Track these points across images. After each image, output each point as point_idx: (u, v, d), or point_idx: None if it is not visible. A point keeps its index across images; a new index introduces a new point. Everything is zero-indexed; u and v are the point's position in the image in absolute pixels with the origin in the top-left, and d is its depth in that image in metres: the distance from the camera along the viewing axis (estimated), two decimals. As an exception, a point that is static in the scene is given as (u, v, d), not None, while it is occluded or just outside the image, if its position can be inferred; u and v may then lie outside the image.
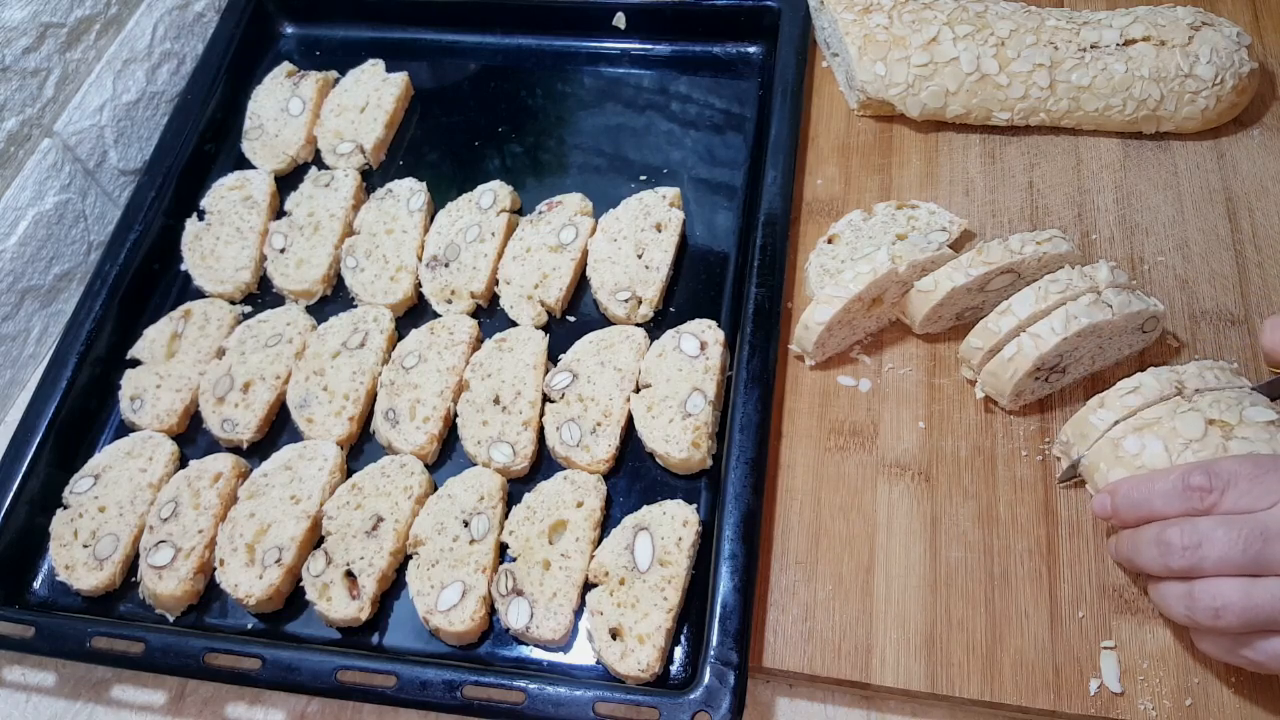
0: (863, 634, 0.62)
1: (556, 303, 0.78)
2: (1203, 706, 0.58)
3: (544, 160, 0.88)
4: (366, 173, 0.89)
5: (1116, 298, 0.64)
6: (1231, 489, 0.53)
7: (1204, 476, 0.53)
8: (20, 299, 0.83)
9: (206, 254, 0.84)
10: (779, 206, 0.76)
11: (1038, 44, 0.78)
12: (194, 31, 0.96)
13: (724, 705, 0.58)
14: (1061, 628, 0.61)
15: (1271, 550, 0.51)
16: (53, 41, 0.82)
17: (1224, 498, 0.53)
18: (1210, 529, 0.52)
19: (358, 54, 0.94)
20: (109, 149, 0.89)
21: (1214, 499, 0.53)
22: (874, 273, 0.68)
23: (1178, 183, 0.78)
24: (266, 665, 0.62)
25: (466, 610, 0.65)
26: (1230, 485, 0.53)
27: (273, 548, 0.68)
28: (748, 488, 0.65)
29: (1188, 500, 0.54)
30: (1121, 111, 0.78)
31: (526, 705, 0.60)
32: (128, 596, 0.70)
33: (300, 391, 0.75)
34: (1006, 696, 0.60)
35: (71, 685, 0.70)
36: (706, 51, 0.92)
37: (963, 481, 0.67)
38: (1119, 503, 0.58)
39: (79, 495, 0.72)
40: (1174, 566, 0.53)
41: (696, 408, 0.70)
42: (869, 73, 0.80)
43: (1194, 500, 0.54)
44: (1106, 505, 0.58)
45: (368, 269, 0.81)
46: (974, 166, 0.80)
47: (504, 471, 0.71)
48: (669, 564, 0.64)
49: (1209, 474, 0.53)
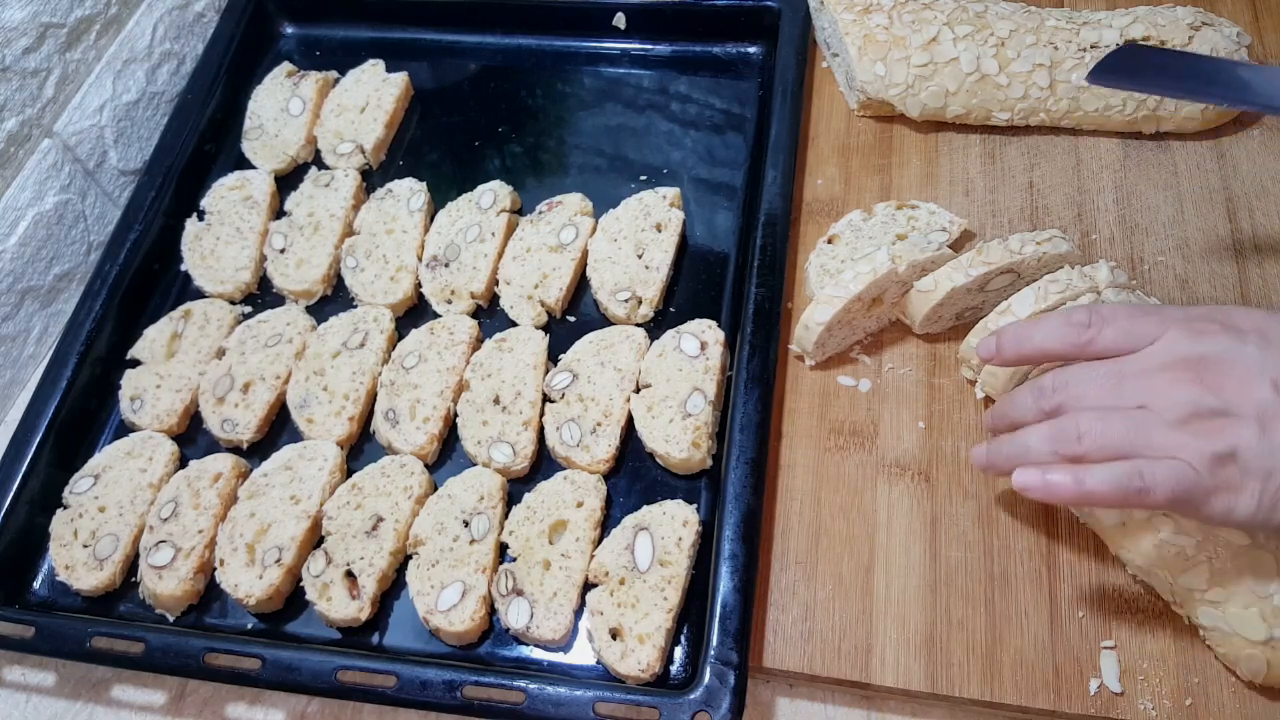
0: (863, 634, 0.62)
1: (556, 303, 0.78)
2: (1203, 706, 0.59)
3: (544, 160, 0.88)
4: (366, 173, 0.89)
5: (1116, 297, 0.64)
6: (1110, 325, 0.53)
7: (1085, 313, 0.54)
8: (20, 299, 0.83)
9: (206, 254, 0.84)
10: (779, 207, 0.76)
11: (1038, 44, 0.78)
12: (194, 31, 0.96)
13: (724, 705, 0.58)
14: (1061, 628, 0.61)
15: (1129, 383, 0.52)
16: (53, 42, 0.82)
17: (1102, 333, 0.53)
18: (1078, 371, 0.54)
19: (358, 54, 0.94)
20: (109, 149, 0.89)
21: (1092, 333, 0.54)
22: (874, 273, 0.68)
23: (1178, 183, 0.78)
24: (266, 665, 0.62)
25: (466, 610, 0.65)
26: (1109, 322, 0.54)
27: (273, 548, 0.68)
28: (748, 488, 0.65)
29: (1068, 334, 0.55)
30: (1121, 111, 0.78)
31: (526, 705, 0.60)
32: (128, 596, 0.70)
33: (300, 391, 0.75)
34: (1006, 696, 0.60)
35: (71, 685, 0.70)
36: (706, 52, 0.92)
37: (963, 481, 0.67)
38: (1004, 342, 0.57)
39: (79, 495, 0.72)
40: (1044, 407, 0.55)
41: (696, 408, 0.70)
42: (869, 73, 0.80)
43: (1074, 334, 0.54)
44: (991, 346, 0.58)
45: (368, 269, 0.81)
46: (974, 166, 0.80)
47: (504, 471, 0.71)
48: (669, 564, 0.64)
49: (1089, 310, 0.54)
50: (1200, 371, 0.50)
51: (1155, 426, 0.50)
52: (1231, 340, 0.50)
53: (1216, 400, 0.50)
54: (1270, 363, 0.49)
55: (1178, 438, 0.50)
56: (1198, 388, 0.50)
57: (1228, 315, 0.52)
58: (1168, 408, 0.50)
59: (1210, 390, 0.50)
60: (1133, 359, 0.53)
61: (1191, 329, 0.52)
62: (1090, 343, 0.54)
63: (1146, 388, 0.51)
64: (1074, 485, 0.51)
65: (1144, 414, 0.51)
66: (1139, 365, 0.52)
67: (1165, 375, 0.51)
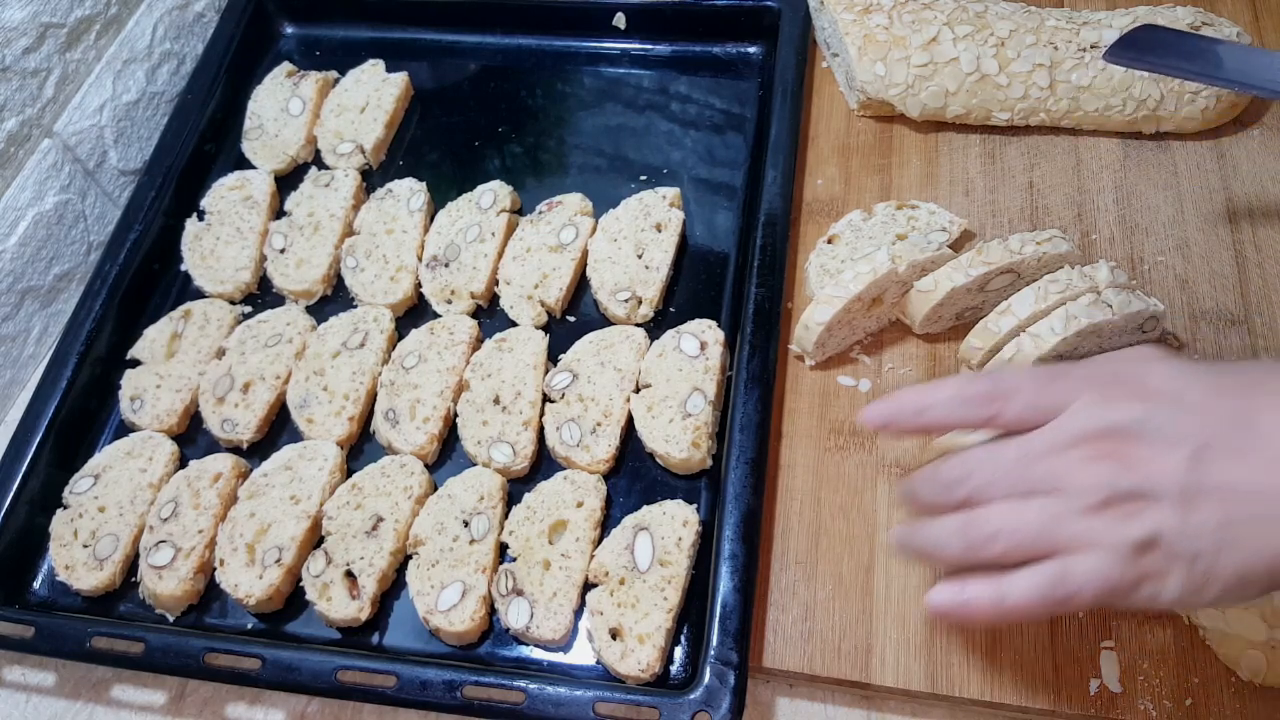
0: (862, 634, 0.62)
1: (556, 303, 0.78)
2: (1202, 706, 0.59)
3: (544, 160, 0.88)
4: (366, 173, 0.89)
5: (1116, 297, 0.64)
6: (1014, 400, 0.48)
7: (986, 385, 0.49)
8: (20, 299, 0.83)
9: (206, 254, 0.84)
10: (779, 207, 0.76)
11: (1038, 44, 0.78)
12: (194, 32, 0.97)
13: (724, 705, 0.58)
14: (1061, 628, 0.61)
15: (1038, 465, 0.47)
16: (53, 42, 0.82)
17: (1006, 408, 0.48)
18: (980, 455, 0.49)
19: (358, 54, 0.94)
20: (109, 149, 0.89)
21: (996, 408, 0.49)
22: (874, 273, 0.68)
23: (1178, 183, 0.78)
24: (266, 665, 0.63)
25: (466, 610, 0.65)
26: (1012, 397, 0.48)
27: (273, 548, 0.68)
28: (748, 488, 0.65)
29: (968, 411, 0.49)
30: (1121, 111, 0.78)
31: (526, 705, 0.60)
32: (128, 596, 0.70)
33: (300, 391, 0.75)
34: (1006, 696, 0.60)
35: (71, 685, 0.70)
36: (706, 52, 0.92)
37: (963, 481, 0.67)
38: (901, 409, 0.51)
39: (79, 495, 0.72)
40: (951, 499, 0.49)
41: (696, 408, 0.70)
42: (869, 73, 0.80)
43: (975, 410, 0.49)
44: (880, 414, 0.51)
45: (368, 269, 0.81)
46: (974, 167, 0.81)
47: (504, 471, 0.71)
48: (669, 564, 0.64)
49: (992, 383, 0.49)
50: (1114, 445, 0.46)
51: (1071, 515, 0.46)
52: (1144, 408, 0.46)
53: (1132, 480, 0.45)
54: (1185, 431, 0.45)
55: (1095, 525, 0.45)
56: (1112, 466, 0.45)
57: (1139, 375, 0.48)
58: (1082, 491, 0.46)
59: (1125, 468, 0.45)
60: (1041, 436, 0.48)
61: (1101, 395, 0.47)
62: (992, 419, 0.49)
63: (1059, 470, 0.46)
64: (994, 604, 0.47)
65: (1058, 501, 0.46)
66: (1048, 441, 0.47)
67: (1077, 453, 0.46)
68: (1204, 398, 0.46)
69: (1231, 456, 0.44)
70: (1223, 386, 0.46)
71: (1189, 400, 0.46)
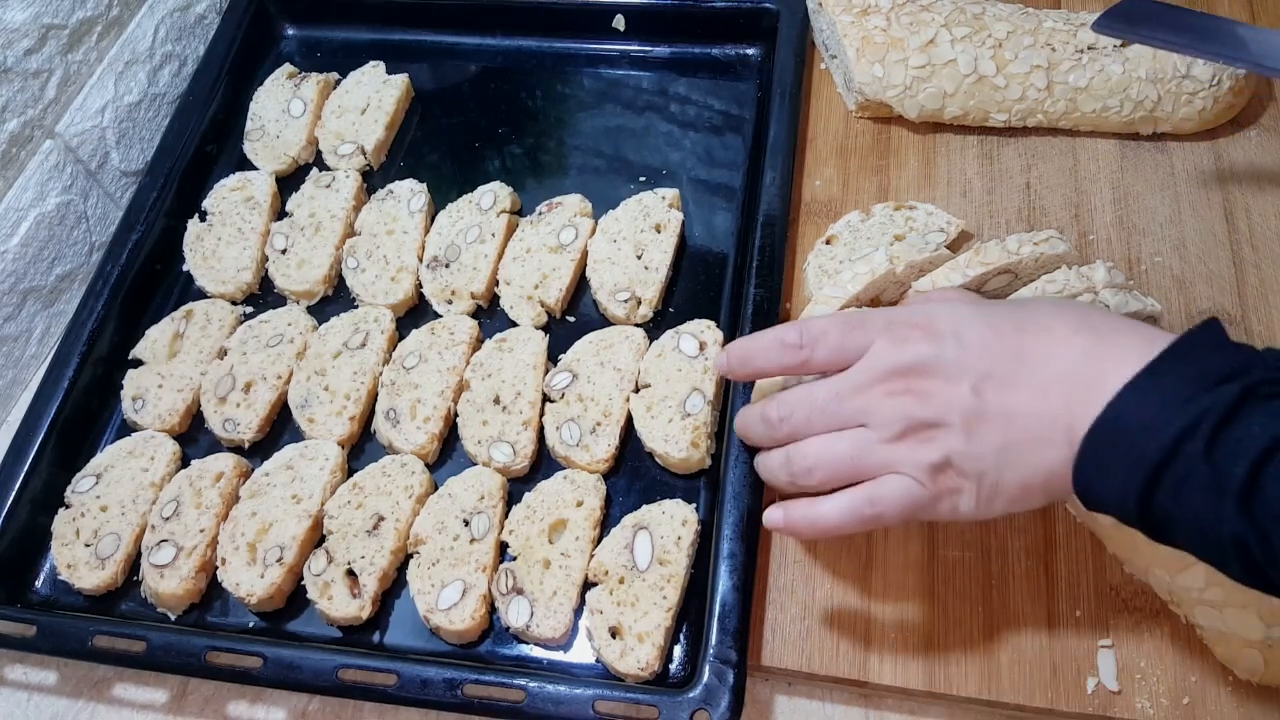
0: (861, 632, 0.63)
1: (556, 303, 0.78)
2: (1200, 705, 0.59)
3: (544, 161, 0.88)
4: (367, 174, 0.89)
5: (1114, 298, 0.65)
6: (822, 344, 0.55)
7: (796, 334, 0.56)
8: (22, 300, 0.83)
9: (208, 254, 0.84)
10: (777, 208, 0.76)
11: (1035, 45, 0.78)
12: (195, 33, 0.97)
13: (723, 703, 0.58)
14: (1059, 626, 0.62)
15: (847, 404, 0.54)
16: (54, 43, 0.82)
17: (815, 352, 0.55)
18: (797, 396, 0.56)
19: (359, 56, 0.94)
20: (111, 150, 0.89)
21: (806, 354, 0.55)
22: (872, 273, 0.68)
23: (1175, 183, 0.78)
24: (268, 664, 0.63)
25: (467, 609, 0.65)
26: (820, 341, 0.55)
27: (274, 547, 0.68)
28: (746, 487, 0.65)
29: (782, 356, 0.56)
30: (1119, 113, 0.78)
31: (526, 703, 0.60)
32: (129, 595, 0.71)
33: (301, 391, 0.76)
34: (1004, 695, 0.60)
35: (73, 684, 0.70)
36: (705, 53, 0.92)
37: (961, 481, 0.67)
38: (730, 359, 0.59)
39: (81, 494, 0.72)
40: (776, 438, 0.57)
41: (696, 408, 0.70)
42: (867, 74, 0.81)
43: (788, 356, 0.56)
44: (723, 362, 0.60)
45: (368, 269, 0.81)
46: (971, 168, 0.81)
47: (504, 471, 0.71)
48: (668, 563, 0.65)
49: (800, 330, 0.56)
50: (909, 381, 0.52)
51: (875, 445, 0.53)
52: (931, 346, 0.52)
53: (926, 410, 0.51)
54: (967, 365, 0.51)
55: (897, 452, 0.52)
56: (909, 399, 0.52)
57: (929, 318, 0.53)
58: (884, 423, 0.52)
59: (920, 400, 0.52)
60: (847, 376, 0.54)
61: (894, 336, 0.53)
62: (805, 363, 0.56)
63: (865, 406, 0.53)
64: (809, 522, 0.55)
65: (864, 433, 0.53)
66: (853, 381, 0.54)
67: (879, 389, 0.53)
68: (983, 335, 0.52)
69: (1006, 385, 0.50)
70: (999, 324, 0.52)
71: (970, 338, 0.52)
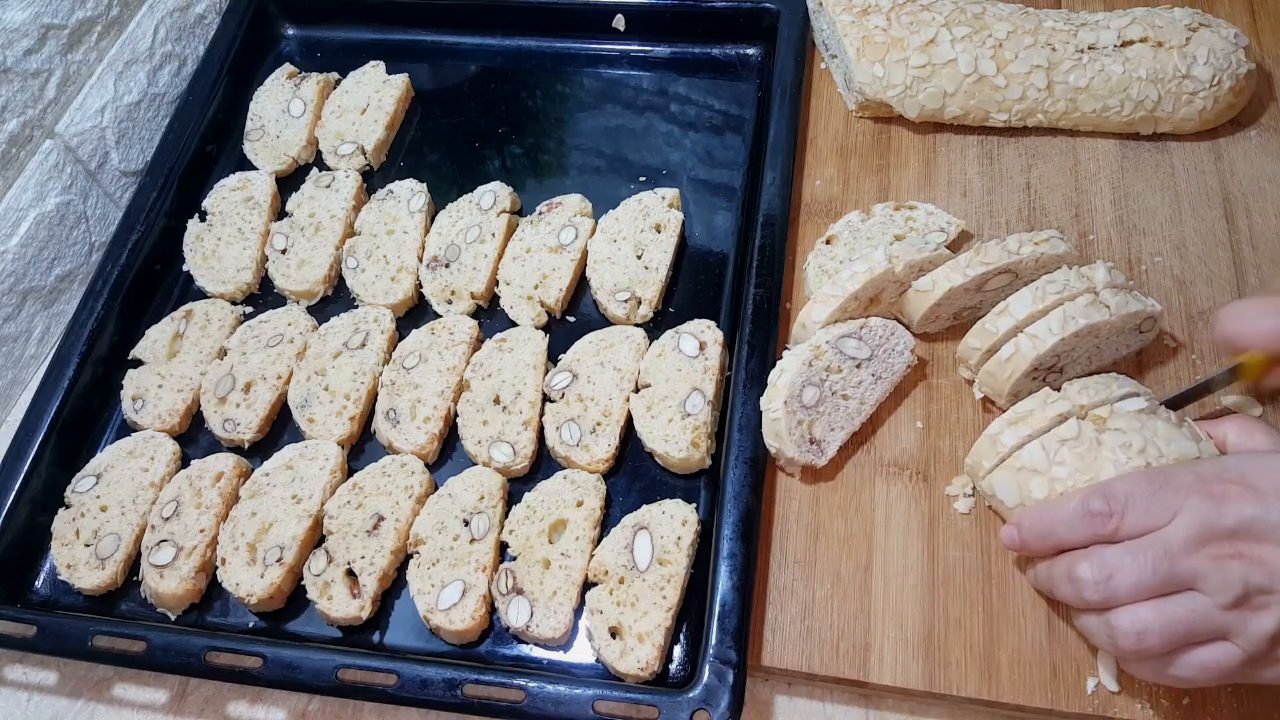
0: (861, 633, 0.63)
1: (556, 303, 0.78)
2: (1199, 705, 0.59)
3: (544, 161, 0.88)
4: (367, 174, 0.89)
5: (1114, 298, 0.65)
6: (1131, 509, 0.53)
7: (1102, 501, 0.53)
8: (22, 300, 0.83)
9: (208, 255, 0.84)
10: (777, 207, 0.76)
11: (1035, 45, 0.78)
12: (195, 33, 0.97)
13: (723, 703, 0.58)
14: (1059, 626, 0.62)
15: (1177, 567, 0.51)
16: (54, 43, 0.82)
17: (1125, 519, 0.53)
18: (1118, 559, 0.52)
19: (358, 56, 0.94)
20: (110, 150, 0.89)
21: (1115, 522, 0.53)
22: (871, 272, 0.68)
23: (1175, 183, 0.78)
24: (268, 664, 0.63)
25: (467, 609, 0.65)
26: (1129, 505, 0.53)
27: (274, 547, 0.68)
28: (746, 487, 0.65)
29: (1091, 526, 0.54)
30: (1119, 112, 0.78)
31: (526, 703, 0.60)
32: (129, 595, 0.71)
33: (301, 391, 0.76)
34: (1004, 695, 0.60)
35: (73, 684, 0.70)
36: (705, 53, 0.92)
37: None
38: (1025, 535, 0.58)
39: (81, 495, 0.73)
40: (1090, 600, 0.53)
41: (695, 407, 0.70)
42: (867, 74, 0.81)
43: (1097, 526, 0.53)
44: (1015, 538, 0.58)
45: (369, 269, 0.81)
46: (971, 167, 0.81)
47: (504, 471, 0.71)
48: (668, 563, 0.65)
49: (1106, 497, 0.53)
50: (1237, 545, 0.50)
51: (1211, 611, 0.50)
52: (1257, 506, 0.50)
53: (1262, 576, 0.49)
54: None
55: (1230, 619, 0.50)
56: (1241, 564, 0.50)
57: (1241, 474, 0.51)
58: (1219, 589, 0.50)
59: (1253, 565, 0.49)
60: (1167, 537, 0.51)
61: (1210, 495, 0.51)
62: (1115, 533, 0.53)
63: (1195, 569, 0.50)
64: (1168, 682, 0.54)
65: (1198, 599, 0.51)
66: (1178, 541, 0.51)
67: (1205, 552, 0.50)
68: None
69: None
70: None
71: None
